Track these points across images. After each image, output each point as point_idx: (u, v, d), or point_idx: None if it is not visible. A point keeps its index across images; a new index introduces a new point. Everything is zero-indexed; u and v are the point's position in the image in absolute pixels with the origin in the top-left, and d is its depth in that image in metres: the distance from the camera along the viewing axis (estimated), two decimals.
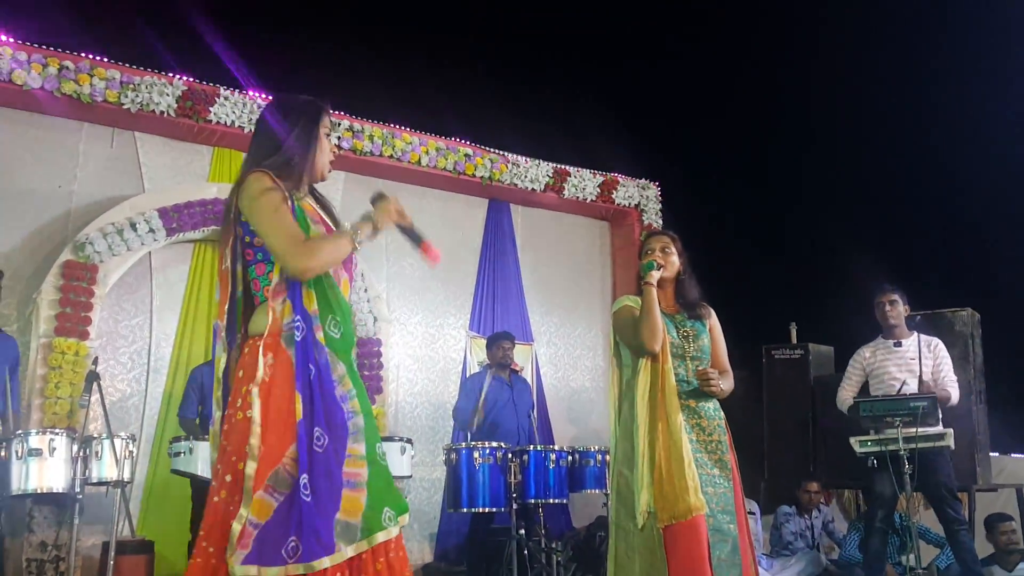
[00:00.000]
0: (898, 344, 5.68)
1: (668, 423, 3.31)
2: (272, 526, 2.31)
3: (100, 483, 4.92)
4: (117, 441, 4.87)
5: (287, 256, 2.47)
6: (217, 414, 2.53)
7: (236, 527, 2.29)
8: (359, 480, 2.43)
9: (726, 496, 3.35)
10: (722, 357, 3.64)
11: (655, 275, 3.48)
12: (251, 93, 6.84)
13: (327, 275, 2.58)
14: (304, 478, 2.35)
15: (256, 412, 2.38)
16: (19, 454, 4.69)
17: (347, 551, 2.35)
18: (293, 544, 2.30)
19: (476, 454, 5.59)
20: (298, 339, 2.46)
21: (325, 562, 2.31)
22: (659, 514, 3.21)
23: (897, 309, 5.70)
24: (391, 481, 2.55)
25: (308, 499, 2.34)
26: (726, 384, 3.52)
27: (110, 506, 5.03)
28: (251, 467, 2.33)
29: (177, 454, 5.19)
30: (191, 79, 6.62)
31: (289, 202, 2.54)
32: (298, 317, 2.48)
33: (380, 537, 2.41)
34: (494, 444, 5.70)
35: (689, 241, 3.73)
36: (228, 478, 2.38)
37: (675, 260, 3.62)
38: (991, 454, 6.74)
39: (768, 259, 10.22)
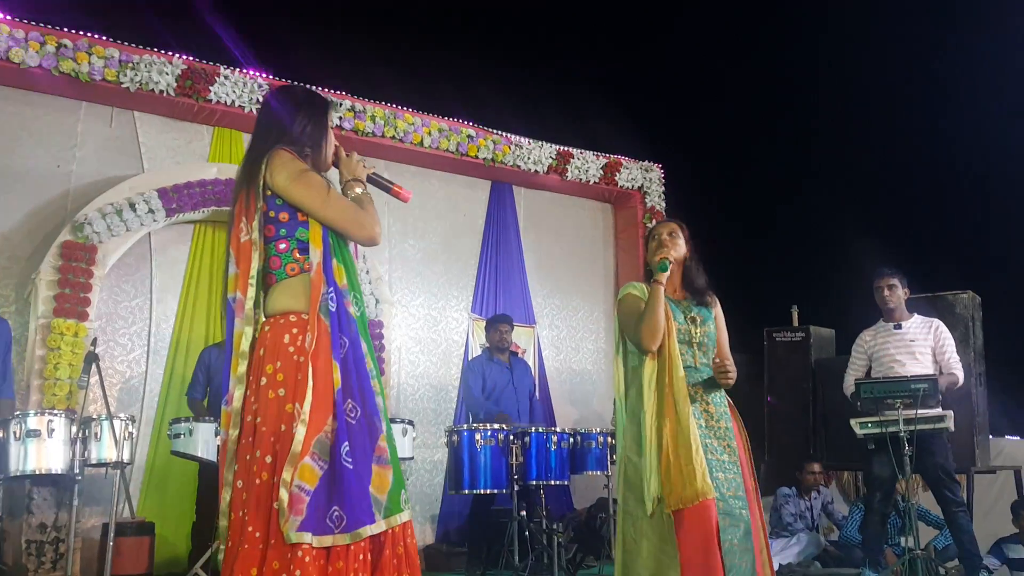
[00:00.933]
0: (898, 327, 5.66)
1: (676, 409, 3.30)
2: (319, 494, 2.34)
3: (99, 464, 4.88)
4: (117, 422, 4.84)
5: (356, 227, 2.56)
6: (239, 391, 2.49)
7: (284, 493, 2.30)
8: (386, 457, 2.46)
9: (736, 481, 3.34)
10: (725, 347, 3.63)
11: (665, 276, 3.44)
12: (251, 72, 6.77)
13: (350, 254, 2.62)
14: (345, 446, 2.38)
15: (311, 379, 2.39)
16: (17, 435, 4.67)
17: (381, 524, 2.38)
18: (336, 513, 2.33)
19: (478, 436, 5.59)
20: (332, 310, 2.48)
21: (367, 531, 2.34)
22: (667, 499, 3.20)
23: (896, 293, 5.67)
24: (400, 466, 2.57)
25: (351, 467, 2.36)
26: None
27: (110, 488, 5.01)
28: (301, 432, 2.34)
29: (177, 435, 5.15)
30: (191, 58, 6.55)
31: None
32: (331, 289, 2.50)
33: (398, 519, 2.43)
34: (496, 426, 5.70)
35: (691, 223, 3.70)
36: (269, 459, 2.37)
37: (682, 245, 3.60)
38: (990, 436, 6.74)
39: (770, 241, 10.22)
